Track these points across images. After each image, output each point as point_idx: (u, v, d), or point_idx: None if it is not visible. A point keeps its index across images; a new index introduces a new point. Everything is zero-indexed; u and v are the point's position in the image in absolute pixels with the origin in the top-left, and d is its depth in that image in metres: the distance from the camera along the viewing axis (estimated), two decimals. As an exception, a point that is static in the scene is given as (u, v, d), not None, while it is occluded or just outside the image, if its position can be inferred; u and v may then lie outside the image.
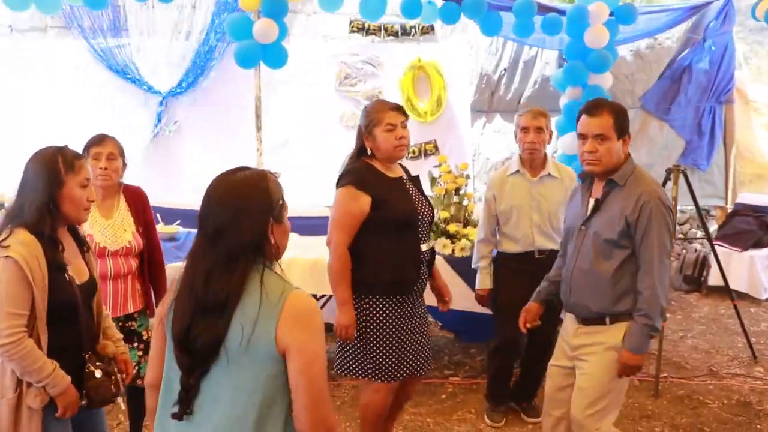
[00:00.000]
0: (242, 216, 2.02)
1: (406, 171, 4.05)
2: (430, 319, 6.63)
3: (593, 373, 3.39)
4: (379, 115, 3.77)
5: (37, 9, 5.57)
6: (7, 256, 2.62)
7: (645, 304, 3.25)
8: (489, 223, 4.68)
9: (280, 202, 2.12)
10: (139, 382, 3.49)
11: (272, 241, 2.07)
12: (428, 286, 4.07)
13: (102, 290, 3.49)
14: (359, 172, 3.74)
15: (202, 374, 2.02)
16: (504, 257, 4.68)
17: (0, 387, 2.72)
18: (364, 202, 3.67)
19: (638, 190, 3.28)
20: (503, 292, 4.66)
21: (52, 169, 2.76)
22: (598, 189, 3.43)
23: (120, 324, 3.67)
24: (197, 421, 2.04)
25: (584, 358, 3.44)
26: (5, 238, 2.67)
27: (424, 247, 3.84)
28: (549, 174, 4.58)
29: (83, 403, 2.86)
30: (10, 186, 2.93)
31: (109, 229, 3.72)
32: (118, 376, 3.00)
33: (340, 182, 3.75)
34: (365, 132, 3.79)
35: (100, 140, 3.72)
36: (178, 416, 2.03)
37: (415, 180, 4.01)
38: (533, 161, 4.57)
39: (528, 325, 3.79)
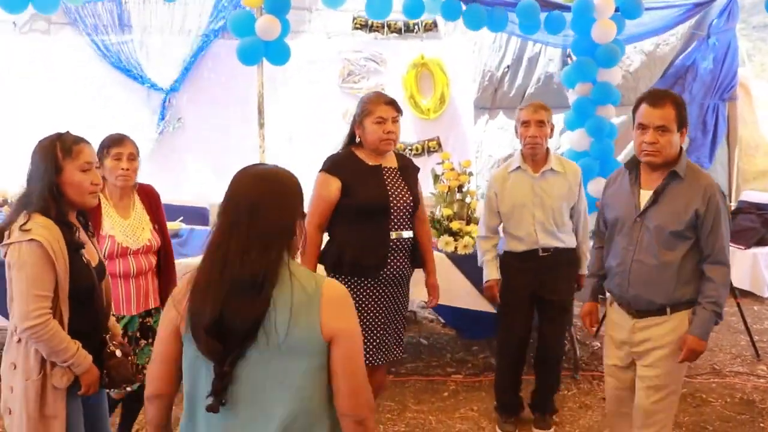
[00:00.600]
0: (279, 197, 2.02)
1: (405, 161, 4.15)
2: (430, 315, 6.66)
3: (661, 363, 3.41)
4: (372, 107, 3.90)
5: (35, 9, 5.54)
6: (31, 240, 2.68)
7: (716, 292, 3.33)
8: (489, 221, 4.61)
9: (303, 195, 2.14)
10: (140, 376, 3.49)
11: (297, 231, 2.07)
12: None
13: (125, 288, 3.69)
14: (336, 158, 3.98)
15: (237, 359, 1.96)
16: (508, 257, 4.59)
17: (26, 369, 2.79)
18: (334, 186, 3.88)
19: (702, 183, 3.32)
20: (507, 293, 4.58)
21: (50, 155, 2.81)
22: (650, 180, 3.41)
23: (139, 320, 3.80)
24: (241, 415, 2.00)
25: (649, 350, 3.44)
26: (25, 222, 2.73)
27: (394, 235, 3.93)
28: (551, 169, 4.47)
29: (104, 383, 2.95)
30: (15, 182, 2.97)
31: (129, 229, 3.77)
32: (133, 357, 3.10)
33: (322, 167, 3.96)
34: (357, 120, 3.95)
35: (120, 140, 3.75)
36: (213, 407, 1.96)
37: (406, 170, 4.07)
38: (535, 156, 4.46)
39: (594, 326, 3.87)
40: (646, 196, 3.40)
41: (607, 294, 3.70)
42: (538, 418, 4.72)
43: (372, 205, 3.88)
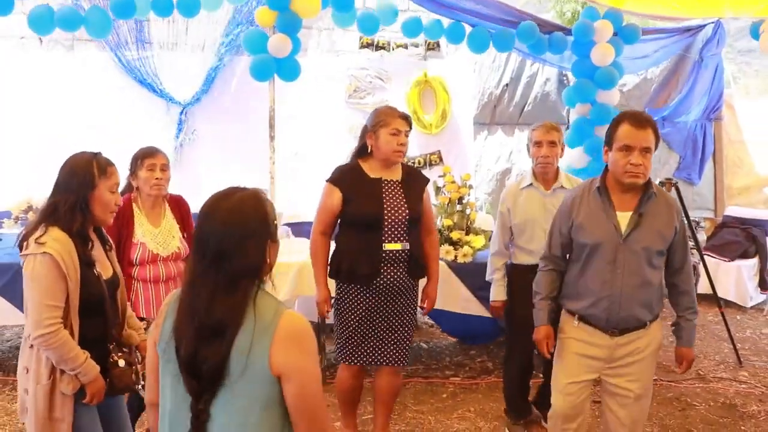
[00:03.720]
0: (246, 240, 1.93)
1: (410, 173, 4.15)
2: (429, 320, 6.66)
3: (642, 376, 3.38)
4: (388, 119, 3.93)
5: (88, 33, 5.65)
6: (44, 252, 2.72)
7: (694, 302, 3.38)
8: (503, 236, 4.57)
9: (275, 221, 2.06)
10: None
11: (268, 261, 2.00)
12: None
13: (155, 292, 3.75)
14: (342, 170, 4.03)
15: (211, 398, 1.92)
16: (518, 269, 4.54)
17: (36, 374, 2.82)
18: (336, 197, 3.94)
19: (670, 201, 3.31)
20: (517, 306, 4.50)
21: (86, 172, 2.86)
22: (623, 202, 3.27)
23: None
24: None
25: (630, 363, 3.36)
26: (41, 236, 2.76)
27: (388, 247, 3.93)
28: (562, 186, 4.45)
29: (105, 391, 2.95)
30: (39, 191, 3.00)
31: (159, 237, 3.83)
32: (138, 366, 3.08)
33: (328, 177, 4.03)
34: (371, 130, 3.96)
35: (153, 152, 3.83)
36: None
37: (409, 183, 4.06)
38: (546, 174, 4.45)
39: (551, 350, 3.64)
40: (622, 217, 3.24)
41: (565, 314, 3.54)
42: (546, 414, 4.70)
43: (366, 217, 3.91)
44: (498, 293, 4.60)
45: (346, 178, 3.97)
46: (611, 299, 3.29)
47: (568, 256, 3.52)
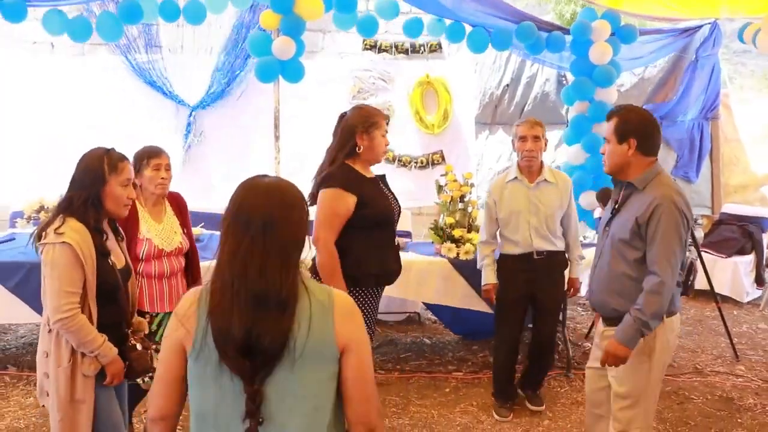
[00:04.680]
0: (290, 210, 1.90)
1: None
2: (432, 317, 6.69)
3: (622, 375, 3.29)
4: (380, 120, 3.84)
5: (100, 36, 5.69)
6: (63, 242, 2.82)
7: (643, 300, 3.11)
8: (489, 226, 4.73)
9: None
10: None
11: (303, 247, 1.95)
12: None
13: (158, 287, 3.80)
14: (343, 174, 3.72)
15: (266, 377, 1.83)
16: (505, 259, 4.70)
17: (56, 357, 2.92)
18: (350, 202, 3.66)
19: (654, 194, 3.15)
20: (503, 294, 4.70)
21: (97, 168, 2.96)
22: (617, 193, 3.40)
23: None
24: (276, 428, 1.86)
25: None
26: (60, 226, 2.86)
27: (398, 241, 3.98)
28: (545, 179, 4.59)
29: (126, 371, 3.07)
30: (52, 191, 3.07)
31: (163, 233, 3.87)
32: (152, 351, 3.18)
33: (326, 184, 3.71)
34: (362, 130, 3.75)
35: (159, 153, 3.87)
36: (252, 429, 1.83)
37: (383, 179, 4.00)
38: (531, 168, 4.58)
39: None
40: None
41: None
42: (530, 395, 4.90)
43: (384, 216, 3.81)
44: (488, 277, 4.73)
45: (353, 181, 3.72)
46: (590, 280, 3.49)
47: None
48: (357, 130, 3.75)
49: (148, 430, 2.03)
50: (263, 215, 1.85)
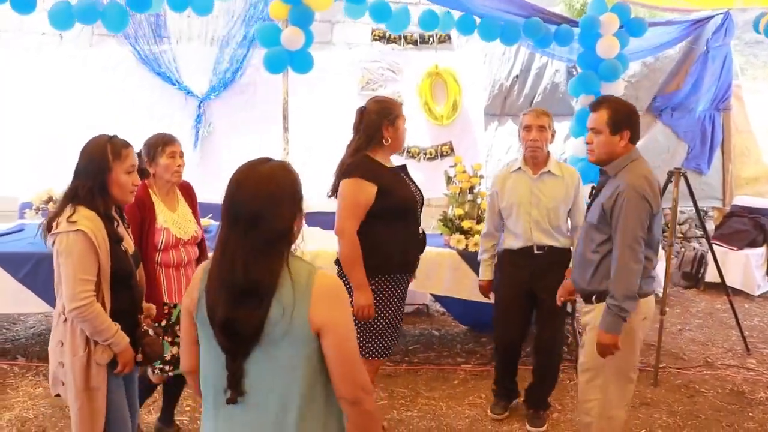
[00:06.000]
0: (278, 204, 1.97)
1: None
2: (440, 308, 6.67)
3: (588, 347, 3.49)
4: (401, 111, 3.90)
5: (105, 26, 5.66)
6: (77, 230, 2.81)
7: (612, 286, 3.29)
8: (492, 218, 4.59)
9: (302, 193, 2.10)
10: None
11: (294, 228, 2.04)
12: None
13: (176, 277, 3.79)
14: (365, 164, 3.77)
15: (245, 356, 1.98)
16: (506, 253, 4.53)
17: (72, 347, 2.91)
18: (371, 191, 3.71)
19: (621, 181, 3.29)
20: (502, 291, 4.57)
21: (101, 156, 2.93)
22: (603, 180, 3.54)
23: None
24: (250, 402, 2.02)
25: (585, 334, 3.59)
26: (71, 215, 2.85)
27: (419, 230, 3.96)
28: (549, 171, 4.39)
29: (139, 359, 3.08)
30: (61, 182, 3.06)
31: (179, 221, 3.85)
32: (163, 337, 3.25)
33: (346, 175, 3.76)
34: (388, 122, 3.81)
35: (172, 140, 3.84)
36: (232, 400, 2.01)
37: (404, 169, 4.03)
38: (535, 159, 4.39)
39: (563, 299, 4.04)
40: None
41: None
42: (532, 415, 4.62)
43: (407, 205, 3.85)
44: (484, 273, 4.66)
45: (375, 171, 3.76)
46: (573, 262, 3.71)
47: None
48: (383, 122, 3.81)
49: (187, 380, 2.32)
50: (251, 211, 1.95)
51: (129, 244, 3.11)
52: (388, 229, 3.77)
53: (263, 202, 1.95)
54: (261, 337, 1.95)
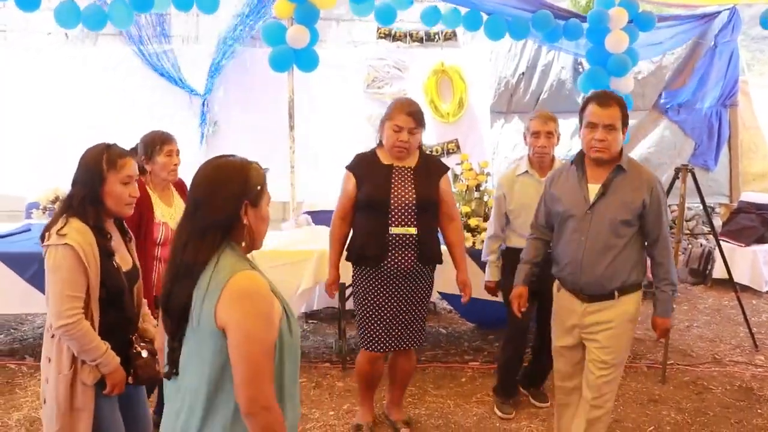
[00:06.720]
0: (215, 195, 2.08)
1: (427, 161, 4.15)
2: (447, 306, 6.65)
3: (612, 343, 3.46)
4: (394, 113, 3.94)
5: (113, 25, 5.68)
6: (65, 244, 2.68)
7: (668, 273, 3.46)
8: (499, 220, 4.63)
9: (259, 188, 2.14)
10: None
11: (245, 223, 2.11)
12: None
13: None
14: (359, 157, 4.10)
15: (181, 336, 2.09)
16: (512, 252, 4.51)
17: (57, 364, 2.78)
18: (352, 183, 4.02)
19: (645, 176, 3.43)
20: (509, 287, 4.56)
21: (95, 165, 2.80)
22: (596, 175, 3.47)
23: None
24: (180, 383, 2.13)
25: (598, 332, 3.49)
26: (62, 227, 2.72)
27: (395, 231, 3.93)
28: None
29: (129, 381, 2.90)
30: (67, 182, 3.00)
31: (176, 216, 3.85)
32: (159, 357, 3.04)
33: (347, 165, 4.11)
34: (382, 123, 4.03)
35: (170, 138, 3.87)
36: (167, 375, 2.14)
37: (423, 170, 4.05)
38: (542, 163, 4.52)
39: (522, 309, 3.88)
40: (593, 189, 3.45)
41: (555, 282, 3.72)
42: (534, 392, 4.86)
43: (372, 200, 3.94)
44: (492, 274, 4.70)
45: (361, 164, 4.05)
46: (575, 263, 3.49)
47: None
48: (382, 123, 4.03)
49: None
50: (193, 197, 2.12)
51: (125, 259, 2.95)
52: (357, 222, 4.07)
53: (203, 190, 2.09)
54: (188, 315, 2.04)
